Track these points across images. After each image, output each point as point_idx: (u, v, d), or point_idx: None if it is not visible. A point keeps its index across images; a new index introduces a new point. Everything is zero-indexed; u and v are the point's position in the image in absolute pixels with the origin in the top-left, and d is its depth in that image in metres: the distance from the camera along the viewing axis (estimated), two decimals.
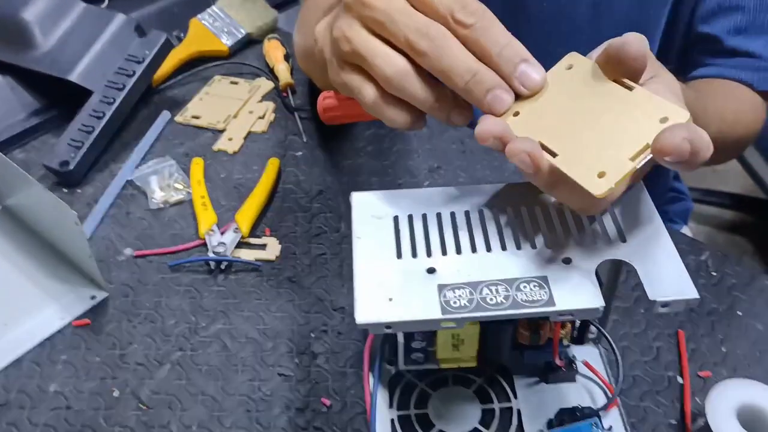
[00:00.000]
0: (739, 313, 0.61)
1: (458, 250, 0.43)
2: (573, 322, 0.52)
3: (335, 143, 0.81)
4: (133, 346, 0.60)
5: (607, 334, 0.51)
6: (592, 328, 0.54)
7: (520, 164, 0.38)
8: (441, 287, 0.41)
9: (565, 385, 0.55)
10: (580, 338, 0.55)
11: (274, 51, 0.91)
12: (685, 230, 1.03)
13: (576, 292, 0.40)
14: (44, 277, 0.65)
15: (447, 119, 0.43)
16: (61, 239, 0.65)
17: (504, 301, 0.40)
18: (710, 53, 0.72)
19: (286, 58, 0.91)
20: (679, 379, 0.56)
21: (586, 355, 0.56)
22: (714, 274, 0.64)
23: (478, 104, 0.41)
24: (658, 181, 0.97)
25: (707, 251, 0.66)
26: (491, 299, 0.40)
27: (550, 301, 0.39)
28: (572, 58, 0.42)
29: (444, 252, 0.43)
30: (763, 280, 0.63)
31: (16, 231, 0.69)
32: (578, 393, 0.54)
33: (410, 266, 0.42)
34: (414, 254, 0.43)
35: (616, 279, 0.52)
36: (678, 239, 0.66)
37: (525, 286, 0.40)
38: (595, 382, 0.55)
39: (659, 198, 0.95)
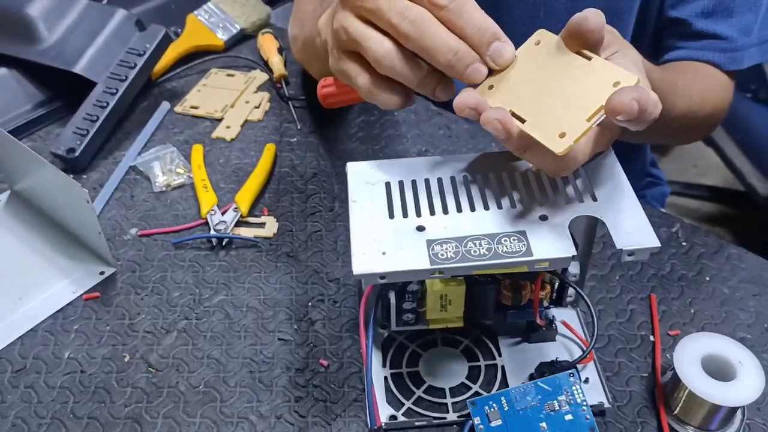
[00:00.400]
0: (707, 278, 0.65)
1: (445, 211, 0.47)
2: (552, 285, 0.57)
3: (328, 130, 0.85)
4: (141, 316, 0.64)
5: (583, 294, 0.55)
6: (570, 291, 0.59)
7: (493, 131, 0.43)
8: (430, 242, 0.45)
9: (545, 344, 0.59)
10: (559, 300, 0.59)
11: (268, 44, 0.95)
12: None
13: (551, 244, 0.44)
14: (55, 255, 0.69)
15: (433, 94, 0.48)
16: (71, 218, 0.69)
17: (487, 252, 0.44)
18: (680, 37, 0.76)
19: (280, 51, 0.95)
20: (651, 338, 0.60)
21: (564, 317, 0.60)
22: (684, 244, 0.69)
23: (458, 76, 0.46)
24: (635, 167, 1.02)
25: (678, 223, 0.70)
26: (475, 251, 0.44)
27: (528, 252, 0.44)
28: (540, 34, 0.47)
29: (432, 212, 0.47)
30: (730, 248, 0.68)
31: (27, 213, 0.73)
32: (558, 350, 0.58)
33: (401, 225, 0.46)
34: (405, 214, 0.47)
35: (591, 243, 0.56)
36: (651, 213, 0.71)
37: (505, 240, 0.44)
38: (574, 340, 0.59)
39: (636, 183, 1.00)
